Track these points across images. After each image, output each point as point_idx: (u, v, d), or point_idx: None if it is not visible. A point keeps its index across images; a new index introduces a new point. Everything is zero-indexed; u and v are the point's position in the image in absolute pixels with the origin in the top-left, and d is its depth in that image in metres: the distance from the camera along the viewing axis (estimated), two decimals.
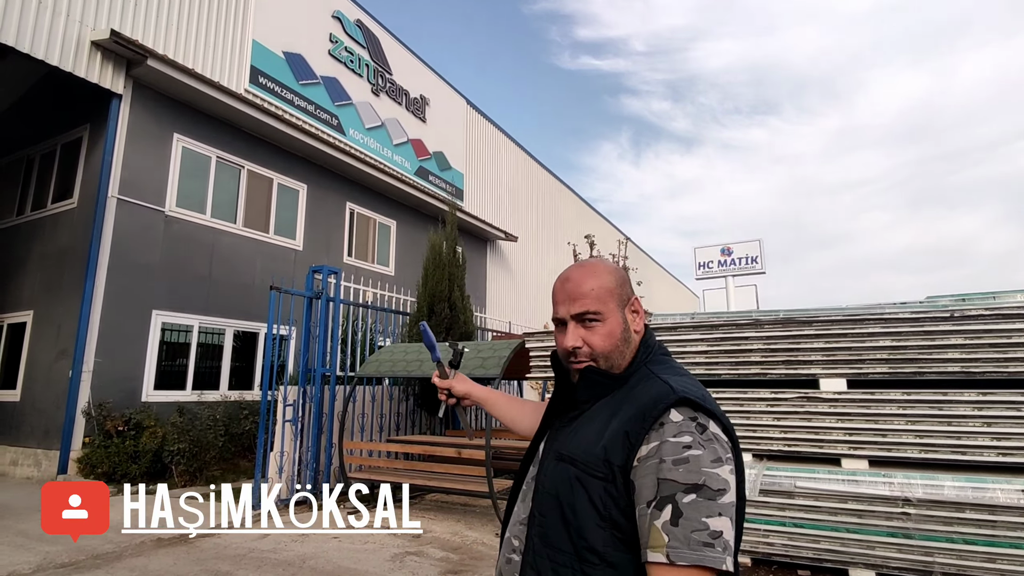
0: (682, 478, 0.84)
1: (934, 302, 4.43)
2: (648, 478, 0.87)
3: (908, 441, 3.83)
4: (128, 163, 8.22)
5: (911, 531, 3.64)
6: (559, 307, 1.07)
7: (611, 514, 0.90)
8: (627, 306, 1.08)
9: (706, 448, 0.87)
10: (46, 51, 7.52)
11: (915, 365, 3.88)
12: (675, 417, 0.90)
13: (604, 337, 1.03)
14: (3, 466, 8.02)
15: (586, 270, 1.08)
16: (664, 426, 0.90)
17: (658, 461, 0.87)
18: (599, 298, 1.04)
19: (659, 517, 0.83)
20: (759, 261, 16.50)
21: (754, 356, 4.36)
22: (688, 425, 0.89)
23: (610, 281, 1.07)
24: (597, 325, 1.04)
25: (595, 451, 0.94)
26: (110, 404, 7.51)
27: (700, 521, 0.81)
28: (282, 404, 6.24)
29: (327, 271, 6.72)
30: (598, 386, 1.03)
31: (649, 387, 0.98)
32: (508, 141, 19.55)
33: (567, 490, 0.95)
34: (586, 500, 0.92)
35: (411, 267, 12.79)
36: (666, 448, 0.88)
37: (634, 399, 0.97)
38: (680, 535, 0.81)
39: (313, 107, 11.65)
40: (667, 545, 0.81)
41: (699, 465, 0.85)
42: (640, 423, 0.91)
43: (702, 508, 0.82)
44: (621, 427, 0.93)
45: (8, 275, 9.17)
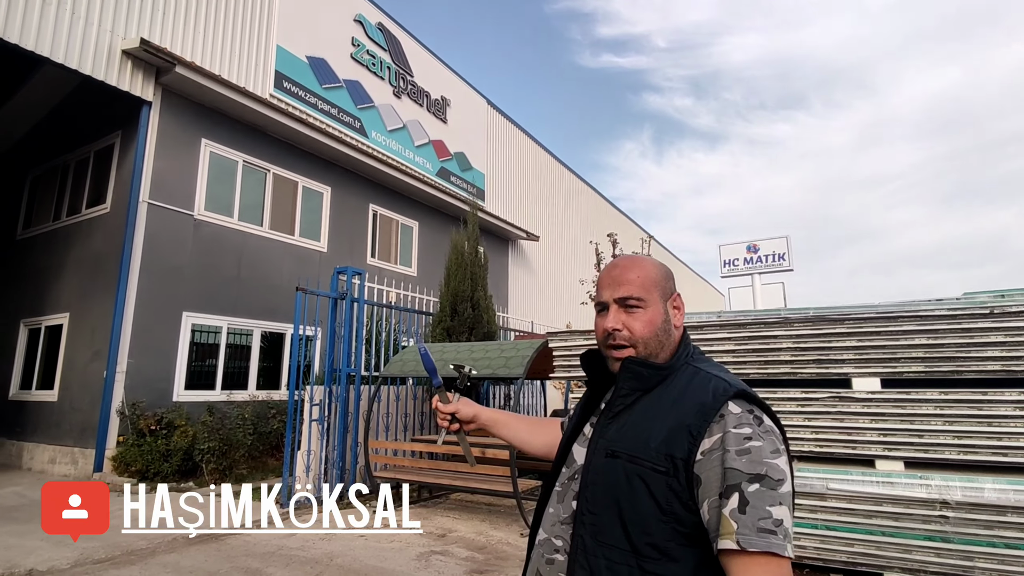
0: (746, 468, 0.87)
1: (972, 299, 4.29)
2: (714, 469, 0.89)
3: (946, 442, 3.72)
4: (158, 168, 8.41)
5: (950, 535, 3.52)
6: (603, 291, 1.10)
7: (672, 508, 0.91)
8: (670, 300, 1.10)
9: (764, 440, 0.90)
10: (79, 61, 7.73)
11: (953, 364, 3.76)
12: (734, 409, 0.94)
13: (645, 324, 1.05)
14: (42, 464, 8.28)
15: (633, 260, 1.12)
16: (724, 418, 0.93)
17: (722, 452, 0.90)
18: (643, 285, 1.07)
19: (727, 506, 0.86)
20: (786, 258, 16.17)
21: (783, 355, 4.27)
22: (747, 417, 0.93)
23: (655, 273, 1.10)
24: (639, 311, 1.06)
25: (653, 446, 0.94)
26: (143, 403, 7.70)
27: (764, 509, 0.85)
28: (309, 404, 6.32)
29: (351, 272, 6.78)
30: (641, 378, 1.03)
31: (704, 382, 1.00)
32: (529, 140, 19.53)
33: (624, 486, 0.94)
34: (646, 495, 0.92)
35: (433, 268, 12.84)
36: (729, 439, 0.91)
37: (690, 394, 0.98)
38: (748, 522, 0.84)
39: (336, 110, 11.79)
40: (736, 532, 0.84)
41: (760, 456, 0.88)
42: (702, 417, 0.93)
43: (766, 497, 0.85)
44: (681, 422, 0.94)
45: (46, 279, 9.46)
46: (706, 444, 0.91)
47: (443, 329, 7.77)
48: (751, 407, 0.95)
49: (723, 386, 0.97)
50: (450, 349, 6.41)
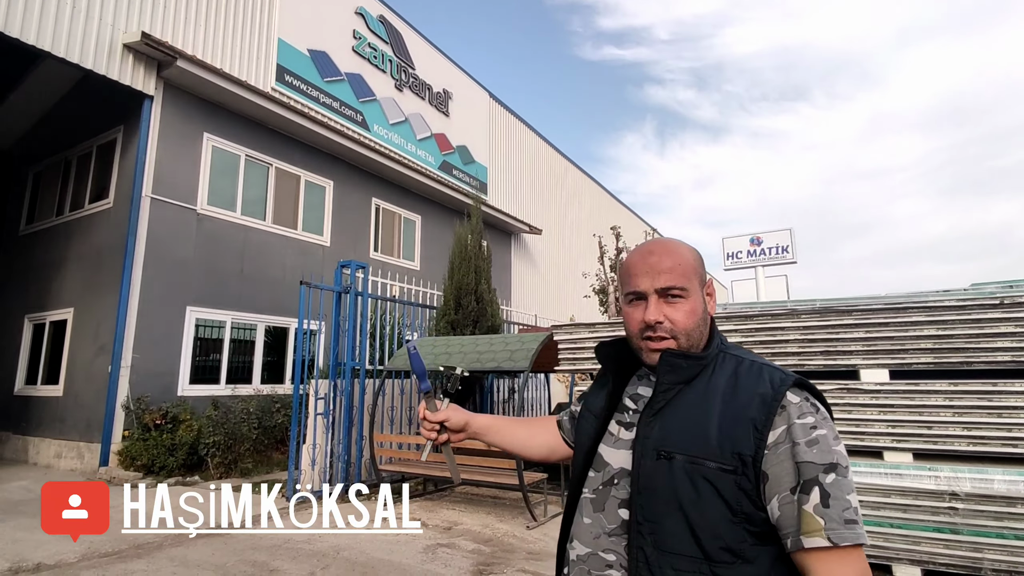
0: (818, 459, 0.85)
1: (979, 289, 4.26)
2: (784, 464, 0.86)
3: (955, 433, 3.69)
4: (161, 163, 8.39)
5: (959, 526, 3.51)
6: (639, 279, 1.01)
7: (743, 508, 0.87)
8: (705, 287, 1.05)
9: (827, 427, 0.88)
10: (80, 55, 7.70)
11: (962, 355, 3.73)
12: (793, 399, 0.91)
13: (687, 314, 0.99)
14: (48, 458, 8.31)
15: (668, 245, 1.05)
16: (786, 409, 0.90)
17: (791, 445, 0.87)
18: (684, 273, 1.00)
19: (807, 501, 0.83)
20: (790, 251, 16.10)
21: (790, 347, 4.24)
22: (807, 406, 0.91)
23: (692, 258, 1.04)
24: (680, 302, 1.00)
25: (715, 443, 0.89)
26: (148, 398, 7.71)
27: (845, 499, 0.83)
28: (313, 397, 6.32)
29: (355, 266, 6.77)
30: (680, 370, 0.97)
31: (756, 372, 0.96)
32: (531, 134, 19.45)
33: (687, 490, 0.89)
34: (714, 496, 0.88)
35: (436, 262, 12.83)
36: (796, 431, 0.88)
37: (744, 385, 0.94)
38: (835, 516, 0.82)
39: (338, 104, 11.74)
40: (825, 528, 0.82)
41: (828, 444, 0.86)
42: (765, 409, 0.89)
43: (843, 486, 0.84)
44: (742, 415, 0.90)
45: (49, 274, 9.47)
46: (772, 437, 0.88)
47: (447, 322, 7.76)
48: (806, 395, 0.92)
49: (779, 376, 0.93)
50: (454, 342, 6.40)
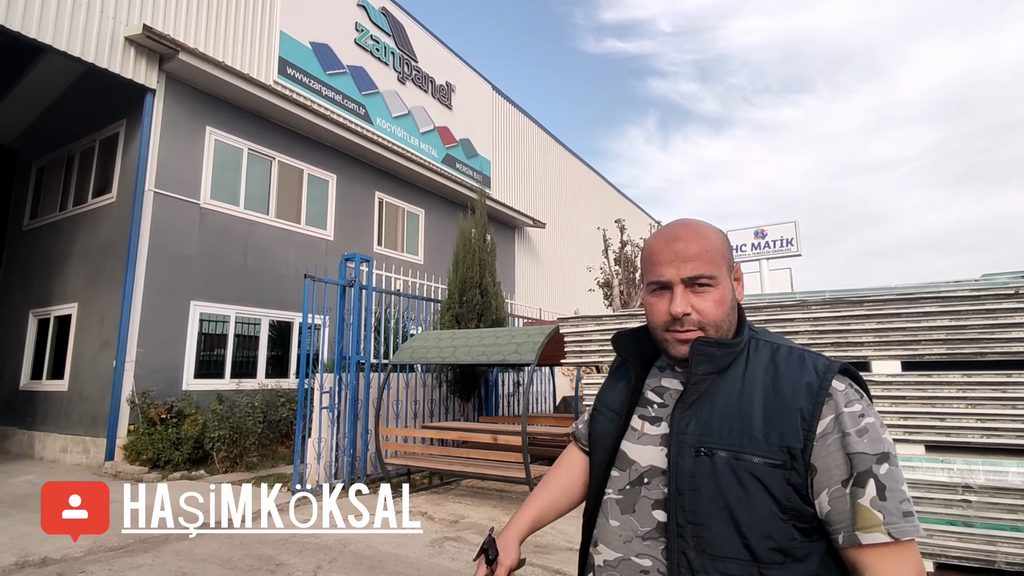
0: (870, 448, 0.81)
1: (991, 279, 4.20)
2: (835, 455, 0.82)
3: (969, 425, 3.65)
4: (163, 157, 8.36)
5: (972, 519, 3.47)
6: (664, 268, 0.94)
7: (793, 504, 0.82)
8: (732, 272, 0.98)
9: (873, 415, 0.85)
10: (81, 48, 7.66)
11: (976, 345, 3.68)
12: (838, 386, 0.86)
13: (716, 304, 0.93)
14: (54, 453, 8.33)
15: (695, 229, 0.96)
16: (832, 397, 0.85)
17: (840, 435, 0.82)
18: (712, 260, 0.93)
19: (863, 495, 0.79)
20: (794, 243, 16.06)
21: (800, 339, 4.19)
22: (852, 393, 0.86)
23: (719, 242, 0.96)
24: (709, 291, 0.93)
25: (761, 436, 0.84)
26: (153, 392, 7.71)
27: (900, 490, 0.80)
28: (318, 392, 6.30)
29: (359, 259, 6.73)
30: (714, 359, 0.91)
31: (797, 359, 0.90)
32: (535, 127, 19.35)
33: (734, 488, 0.84)
34: (763, 493, 0.83)
35: (440, 255, 12.79)
36: (845, 420, 0.83)
37: (785, 373, 0.88)
38: (893, 509, 0.78)
39: (341, 97, 11.68)
40: (885, 523, 0.78)
41: (878, 432, 0.83)
42: (813, 398, 0.84)
43: (897, 476, 0.81)
44: (788, 405, 0.85)
45: (54, 269, 9.46)
46: (820, 427, 0.83)
47: (452, 316, 7.73)
48: (850, 382, 0.88)
49: (823, 363, 0.88)
50: (460, 336, 6.36)
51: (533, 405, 9.55)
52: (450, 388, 7.94)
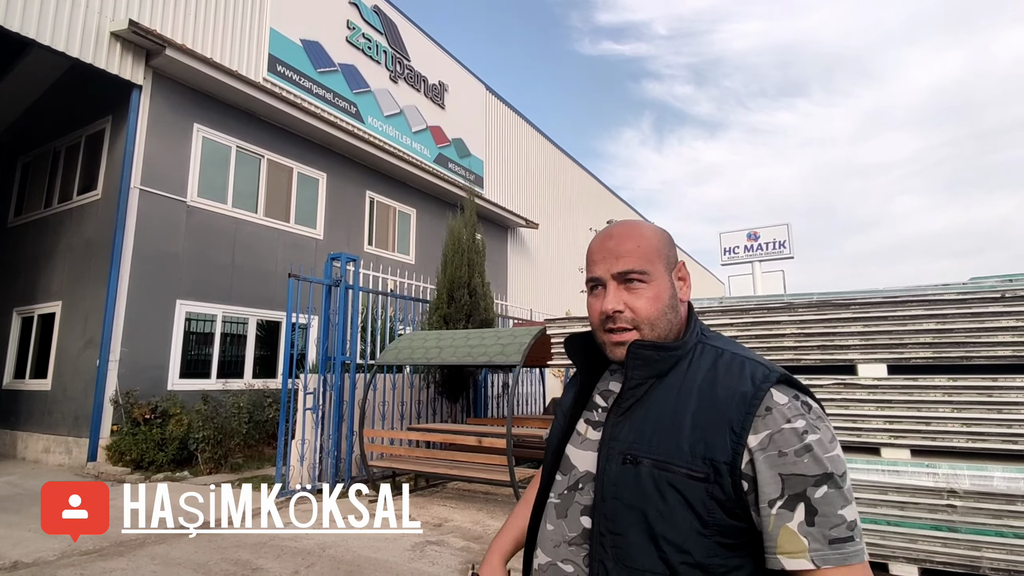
0: (809, 470, 0.75)
1: (979, 283, 4.17)
2: (766, 474, 0.76)
3: (954, 430, 3.62)
4: (150, 154, 8.26)
5: (957, 524, 3.43)
6: (597, 266, 0.92)
7: (715, 519, 0.78)
8: (675, 270, 0.94)
9: (820, 430, 0.78)
10: (67, 43, 7.55)
11: (962, 349, 3.65)
12: (780, 399, 0.80)
13: (650, 301, 0.89)
14: (36, 453, 8.21)
15: (630, 227, 0.94)
16: (772, 411, 0.78)
17: (776, 453, 0.76)
18: (645, 256, 0.90)
19: (791, 518, 0.74)
20: (787, 246, 16.07)
21: (787, 341, 4.16)
22: (796, 407, 0.79)
23: (656, 239, 0.93)
24: (642, 287, 0.89)
25: (687, 447, 0.80)
26: (137, 392, 7.61)
27: (837, 515, 0.73)
28: (303, 392, 6.22)
29: (345, 258, 6.66)
30: (652, 363, 0.87)
31: (737, 367, 0.85)
32: (528, 127, 19.30)
33: (654, 499, 0.80)
34: (683, 507, 0.78)
35: (431, 255, 12.71)
36: (784, 438, 0.77)
37: (721, 381, 0.84)
38: (819, 535, 0.73)
39: (331, 95, 11.59)
40: (809, 549, 0.73)
41: (822, 451, 0.76)
42: (744, 410, 0.79)
43: (836, 500, 0.74)
44: (718, 416, 0.80)
45: (38, 266, 9.34)
46: (753, 442, 0.77)
47: (440, 316, 7.66)
48: (796, 392, 0.81)
49: (762, 371, 0.82)
50: (446, 336, 6.30)
51: (522, 407, 9.49)
52: (438, 389, 7.87)
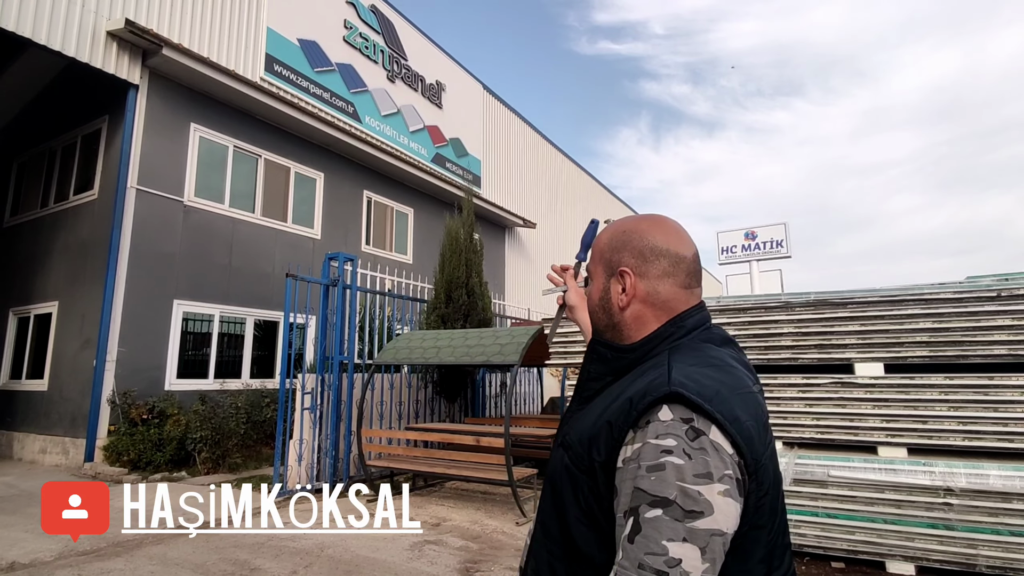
0: (652, 488, 0.70)
1: (975, 282, 4.18)
2: (626, 483, 0.73)
3: (951, 428, 3.63)
4: (146, 153, 8.23)
5: (953, 522, 3.45)
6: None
7: (592, 511, 0.80)
8: (613, 275, 0.92)
9: (693, 459, 0.70)
10: (62, 42, 7.53)
11: (958, 348, 3.67)
12: (663, 416, 0.74)
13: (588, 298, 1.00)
14: (33, 454, 8.18)
15: (608, 227, 1.01)
16: (649, 424, 0.74)
17: (636, 466, 0.73)
18: (593, 257, 1.00)
19: (624, 530, 0.71)
20: (784, 245, 16.08)
21: (784, 340, 4.17)
22: (676, 427, 0.72)
23: (606, 243, 0.96)
24: (590, 287, 0.99)
25: (587, 437, 0.83)
26: (134, 393, 7.59)
27: (659, 544, 0.67)
28: (300, 392, 6.21)
29: (343, 258, 6.65)
30: (605, 360, 0.93)
31: (650, 372, 0.82)
32: (526, 127, 19.29)
33: (561, 479, 0.86)
34: (572, 493, 0.83)
35: (429, 255, 12.70)
36: (646, 451, 0.72)
37: (629, 383, 0.84)
38: (632, 554, 0.68)
39: (329, 94, 11.58)
40: (618, 564, 0.70)
41: (676, 477, 0.69)
42: (625, 416, 0.77)
43: (664, 528, 0.67)
44: (609, 416, 0.80)
45: (34, 267, 9.31)
46: (626, 452, 0.75)
47: (438, 316, 7.66)
48: (690, 415, 0.73)
49: (660, 382, 0.77)
50: (444, 336, 6.30)
51: (520, 406, 9.49)
52: (436, 389, 7.87)
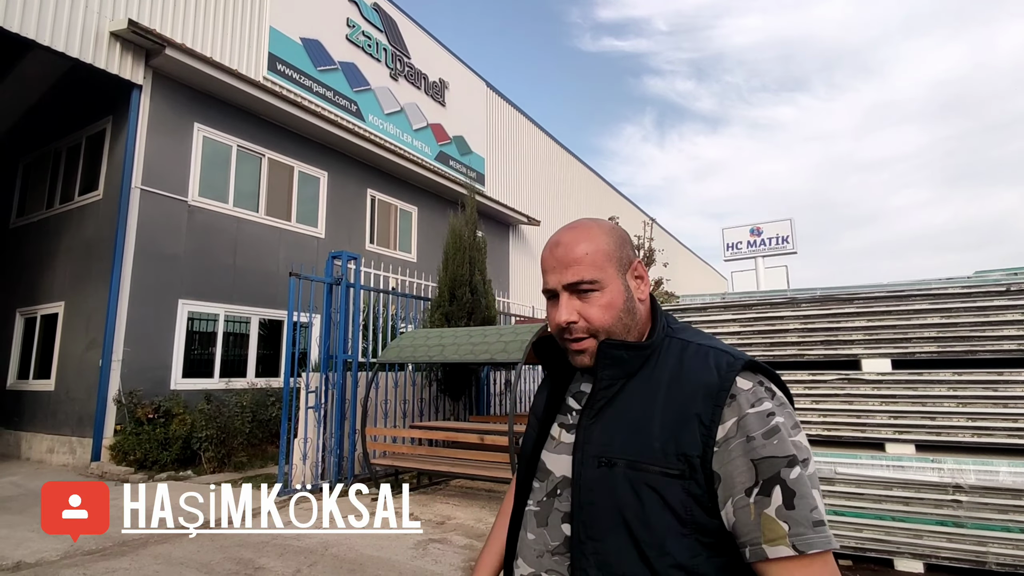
0: (778, 451, 0.74)
1: (984, 277, 4.14)
2: (737, 462, 0.75)
3: (959, 424, 3.59)
4: (150, 154, 8.25)
5: (963, 520, 3.41)
6: (549, 276, 0.91)
7: (694, 517, 0.76)
8: (629, 271, 0.91)
9: (785, 414, 0.77)
10: (66, 43, 7.55)
11: (967, 343, 3.62)
12: (744, 385, 0.79)
13: (603, 309, 0.87)
14: (40, 453, 8.23)
15: (578, 231, 0.91)
16: (736, 398, 0.78)
17: (744, 440, 0.75)
18: (594, 263, 0.88)
19: (769, 504, 0.72)
20: (790, 241, 15.99)
21: (790, 336, 4.13)
22: (760, 391, 0.79)
23: (606, 243, 0.90)
24: (594, 295, 0.87)
25: (659, 445, 0.79)
26: (140, 392, 7.62)
27: (811, 498, 0.72)
28: (305, 391, 6.22)
29: (346, 257, 6.65)
30: (622, 363, 0.86)
31: (701, 358, 0.84)
32: (530, 124, 19.25)
33: (630, 501, 0.79)
34: (660, 507, 0.77)
35: (433, 253, 12.68)
36: (750, 421, 0.76)
37: (688, 374, 0.83)
38: (800, 518, 0.71)
39: (332, 93, 11.57)
40: (790, 534, 0.71)
41: (787, 434, 0.75)
42: (711, 400, 0.78)
43: (806, 482, 0.73)
44: (687, 409, 0.79)
45: (40, 267, 9.35)
46: (721, 433, 0.76)
47: (441, 314, 7.65)
48: (760, 378, 0.80)
49: (726, 359, 0.81)
50: (448, 334, 6.28)
51: (524, 404, 9.47)
52: (440, 387, 7.86)
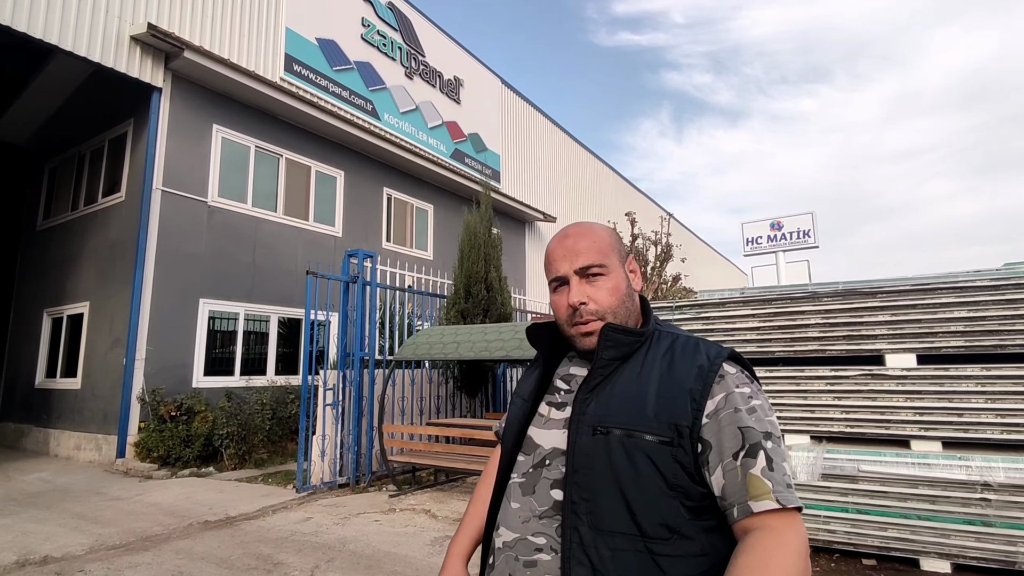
0: (759, 426, 0.87)
1: (1014, 268, 4.01)
2: (728, 429, 0.86)
3: (988, 421, 3.48)
4: (171, 155, 8.38)
5: (991, 518, 3.31)
6: (560, 264, 1.02)
7: (679, 481, 0.87)
8: (626, 263, 1.06)
9: (762, 398, 0.91)
10: (87, 48, 7.68)
11: (996, 337, 3.52)
12: (730, 370, 0.93)
13: (610, 292, 1.00)
14: (68, 450, 8.42)
15: (583, 226, 1.06)
16: (724, 378, 0.91)
17: (732, 411, 0.88)
18: (602, 251, 1.02)
19: (755, 465, 0.83)
20: (811, 235, 15.71)
21: (812, 331, 4.05)
22: (743, 377, 0.93)
23: (609, 237, 1.05)
24: (602, 279, 1.00)
25: (652, 415, 0.89)
26: (163, 390, 7.75)
27: (784, 467, 0.85)
28: (322, 388, 6.26)
29: (363, 255, 6.68)
30: (621, 345, 0.97)
31: (692, 346, 0.97)
32: (545, 120, 19.17)
33: (623, 464, 0.88)
34: (651, 470, 0.87)
35: (449, 251, 12.70)
36: (735, 398, 0.89)
37: (681, 359, 0.95)
38: (779, 479, 0.83)
39: (348, 93, 11.64)
40: (773, 491, 0.81)
41: (763, 413, 0.89)
42: (702, 379, 0.91)
43: (780, 453, 0.86)
44: (680, 387, 0.90)
45: (66, 268, 9.56)
46: (711, 406, 0.89)
47: (457, 311, 7.65)
48: (741, 367, 0.96)
49: (714, 348, 0.96)
50: (463, 331, 6.28)
51: None
52: (456, 384, 7.87)
